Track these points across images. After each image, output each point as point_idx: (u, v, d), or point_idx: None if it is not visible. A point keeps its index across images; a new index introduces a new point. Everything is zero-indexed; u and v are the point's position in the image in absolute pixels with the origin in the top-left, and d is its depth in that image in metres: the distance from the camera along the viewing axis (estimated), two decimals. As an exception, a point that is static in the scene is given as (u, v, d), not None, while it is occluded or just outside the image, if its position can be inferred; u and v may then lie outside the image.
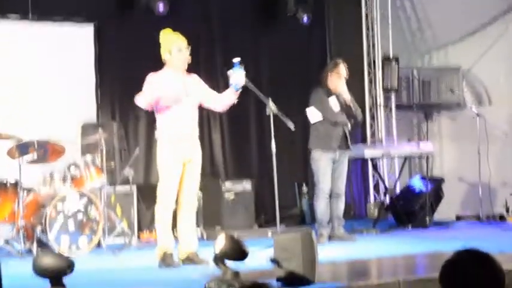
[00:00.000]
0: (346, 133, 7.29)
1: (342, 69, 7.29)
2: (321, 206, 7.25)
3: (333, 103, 7.26)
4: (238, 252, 4.80)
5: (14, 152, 7.01)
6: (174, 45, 5.95)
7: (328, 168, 7.22)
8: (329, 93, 7.30)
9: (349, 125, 7.36)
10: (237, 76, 5.90)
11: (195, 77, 6.13)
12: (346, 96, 7.27)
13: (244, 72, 5.92)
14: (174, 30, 6.11)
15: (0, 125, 6.97)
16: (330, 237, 7.30)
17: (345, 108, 7.26)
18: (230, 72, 5.92)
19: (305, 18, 9.78)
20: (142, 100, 5.87)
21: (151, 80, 5.94)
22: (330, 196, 7.30)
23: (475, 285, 2.35)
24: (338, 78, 7.28)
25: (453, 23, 10.03)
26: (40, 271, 4.38)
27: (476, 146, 8.95)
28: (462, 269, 2.37)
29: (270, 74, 9.57)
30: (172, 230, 6.09)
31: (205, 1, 9.49)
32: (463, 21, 9.95)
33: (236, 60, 5.92)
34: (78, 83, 8.61)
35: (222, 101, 6.14)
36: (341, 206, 7.36)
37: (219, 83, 9.30)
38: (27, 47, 8.34)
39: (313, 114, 7.30)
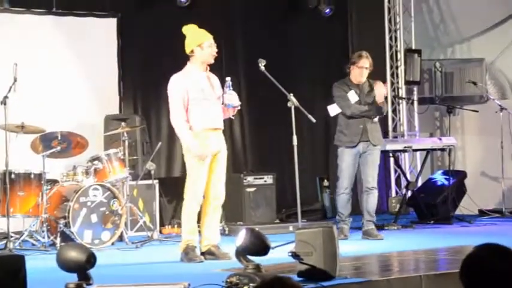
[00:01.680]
0: (367, 126, 7.20)
1: (365, 63, 7.24)
2: (340, 201, 7.25)
3: (351, 96, 7.21)
4: (259, 246, 4.82)
5: (38, 144, 7.07)
6: (206, 40, 6.01)
7: (349, 164, 7.16)
8: (350, 85, 7.26)
9: (374, 119, 7.27)
10: (229, 97, 6.02)
11: (215, 76, 6.18)
12: (379, 95, 7.16)
13: (235, 94, 6.05)
14: (196, 22, 6.16)
15: (24, 118, 7.01)
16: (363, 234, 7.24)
17: (371, 104, 7.18)
18: (224, 93, 6.02)
19: (327, 10, 9.77)
20: (177, 123, 5.93)
21: (177, 87, 5.94)
22: (357, 191, 7.25)
23: (495, 279, 2.34)
24: (360, 71, 7.24)
25: (476, 16, 9.95)
26: (64, 264, 4.43)
27: (499, 140, 8.89)
28: (482, 264, 2.37)
29: (291, 66, 9.56)
30: (197, 223, 6.13)
31: (226, -7, 9.50)
32: (486, 13, 9.88)
33: (228, 80, 6.02)
34: (101, 76, 8.67)
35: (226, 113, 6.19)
36: (370, 201, 7.25)
37: (239, 75, 9.34)
38: (51, 40, 8.40)
39: (333, 108, 7.29)
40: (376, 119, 7.28)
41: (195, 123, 5.93)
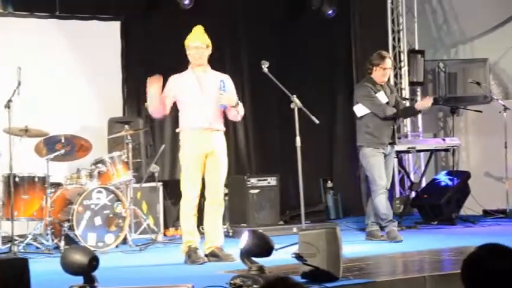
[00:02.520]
0: (394, 127, 7.18)
1: (388, 63, 7.19)
2: (383, 202, 7.03)
3: (381, 97, 7.13)
4: (263, 247, 4.82)
5: (42, 148, 7.09)
6: (189, 42, 6.10)
7: (381, 164, 7.06)
8: (375, 87, 7.17)
9: (397, 121, 7.26)
10: (220, 97, 6.03)
11: (217, 75, 6.17)
12: (422, 106, 7.20)
13: (226, 94, 6.05)
14: (199, 24, 6.18)
15: (28, 122, 7.03)
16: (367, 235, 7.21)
17: (407, 109, 7.27)
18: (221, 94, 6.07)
19: (330, 12, 9.77)
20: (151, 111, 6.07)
21: (167, 85, 6.08)
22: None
23: (497, 279, 2.33)
24: (384, 72, 7.17)
25: (479, 16, 9.94)
26: (68, 267, 4.44)
27: (503, 140, 8.88)
28: (483, 264, 2.36)
29: (294, 68, 9.57)
30: (200, 225, 6.14)
31: (229, -4, 9.51)
32: (489, 14, 9.87)
33: (219, 81, 6.07)
34: (105, 79, 8.69)
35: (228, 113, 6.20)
36: (387, 202, 7.20)
37: (243, 77, 9.35)
38: (54, 44, 8.42)
39: (360, 109, 7.18)
40: (399, 121, 7.23)
41: (185, 124, 6.03)
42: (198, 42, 6.08)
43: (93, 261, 4.36)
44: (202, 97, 6.03)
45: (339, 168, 10.07)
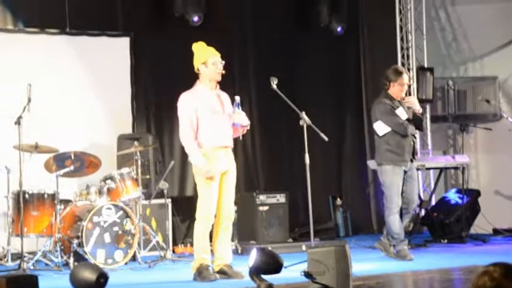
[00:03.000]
0: (414, 143, 7.14)
1: (406, 79, 7.11)
2: (396, 222, 6.98)
3: (401, 114, 7.05)
4: (272, 265, 4.81)
5: (51, 164, 7.11)
6: (210, 58, 6.02)
7: (400, 182, 7.00)
8: (393, 103, 7.09)
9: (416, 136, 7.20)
10: (237, 116, 6.05)
11: (225, 94, 6.19)
12: (415, 106, 7.09)
13: (244, 113, 6.09)
14: (208, 41, 6.19)
15: (38, 138, 7.06)
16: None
17: (415, 118, 7.07)
18: (233, 113, 6.06)
19: (339, 29, 9.78)
20: (185, 141, 5.98)
21: (186, 105, 5.98)
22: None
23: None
24: (401, 88, 7.09)
25: (489, 34, 9.95)
26: (77, 284, 4.44)
27: (513, 158, 8.86)
28: (492, 283, 2.34)
29: (303, 85, 9.58)
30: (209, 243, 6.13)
31: (238, 13, 9.55)
32: (498, 31, 9.87)
33: (237, 100, 6.05)
34: (114, 96, 8.72)
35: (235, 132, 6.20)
36: (406, 220, 7.17)
37: (251, 93, 9.37)
38: (64, 60, 8.46)
39: (381, 127, 7.10)
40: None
41: (205, 141, 5.96)
42: (218, 57, 6.08)
43: (101, 279, 4.36)
44: (223, 115, 6.04)
45: (348, 185, 10.05)
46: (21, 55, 8.21)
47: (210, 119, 5.97)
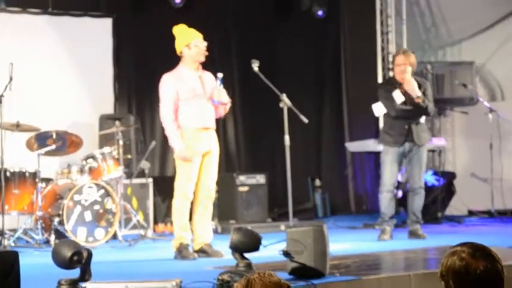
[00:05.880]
0: (411, 126, 7.05)
1: (400, 60, 7.05)
2: (383, 200, 7.11)
3: (396, 96, 7.02)
4: (250, 243, 4.91)
5: (33, 143, 7.14)
6: (193, 40, 6.06)
7: (392, 163, 7.06)
8: (396, 84, 7.06)
9: (420, 119, 7.14)
10: (217, 93, 6.07)
11: (209, 74, 6.23)
12: (412, 92, 6.95)
13: (224, 91, 6.11)
14: (189, 24, 6.22)
15: (19, 117, 7.08)
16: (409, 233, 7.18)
17: (412, 103, 6.98)
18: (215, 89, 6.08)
19: (320, 13, 9.84)
20: (165, 122, 6.03)
21: (167, 86, 6.02)
22: (399, 190, 7.15)
23: (473, 277, 2.39)
24: (399, 69, 7.05)
25: (467, 19, 10.04)
26: (57, 260, 4.49)
27: (488, 141, 8.99)
28: (461, 262, 2.42)
29: (284, 68, 9.65)
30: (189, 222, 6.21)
31: (220, -5, 9.57)
32: (476, 17, 9.97)
33: (219, 76, 6.07)
34: (96, 76, 8.74)
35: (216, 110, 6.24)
36: (416, 201, 7.21)
37: (233, 75, 9.42)
38: (46, 40, 8.46)
39: (377, 108, 7.17)
40: (422, 120, 7.15)
41: (186, 123, 6.00)
42: (201, 38, 6.09)
43: (75, 256, 4.34)
44: (204, 96, 6.08)
45: (327, 167, 10.16)
46: (3, 34, 8.20)
47: (192, 101, 6.00)
